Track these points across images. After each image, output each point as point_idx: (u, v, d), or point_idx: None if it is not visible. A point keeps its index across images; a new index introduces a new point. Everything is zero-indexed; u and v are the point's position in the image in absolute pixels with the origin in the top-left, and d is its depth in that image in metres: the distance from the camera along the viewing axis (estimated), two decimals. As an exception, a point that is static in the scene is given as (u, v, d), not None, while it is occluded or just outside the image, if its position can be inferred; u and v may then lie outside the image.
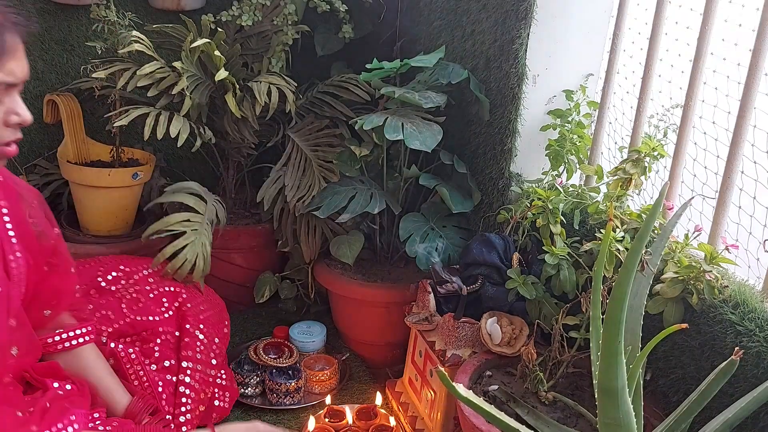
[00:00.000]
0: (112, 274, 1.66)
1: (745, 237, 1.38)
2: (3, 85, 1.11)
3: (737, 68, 1.38)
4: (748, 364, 1.18)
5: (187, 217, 1.82)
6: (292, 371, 1.81)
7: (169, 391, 1.56)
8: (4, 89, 1.12)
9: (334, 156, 1.97)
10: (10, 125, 1.15)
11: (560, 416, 1.38)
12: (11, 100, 1.14)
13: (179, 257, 1.73)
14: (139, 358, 1.55)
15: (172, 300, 1.69)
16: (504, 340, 1.54)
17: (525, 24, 1.64)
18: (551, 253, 1.49)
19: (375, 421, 1.68)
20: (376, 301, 1.92)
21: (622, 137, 1.72)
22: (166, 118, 1.80)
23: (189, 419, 1.55)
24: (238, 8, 2.02)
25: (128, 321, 1.60)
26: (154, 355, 1.59)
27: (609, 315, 1.04)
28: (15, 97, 1.15)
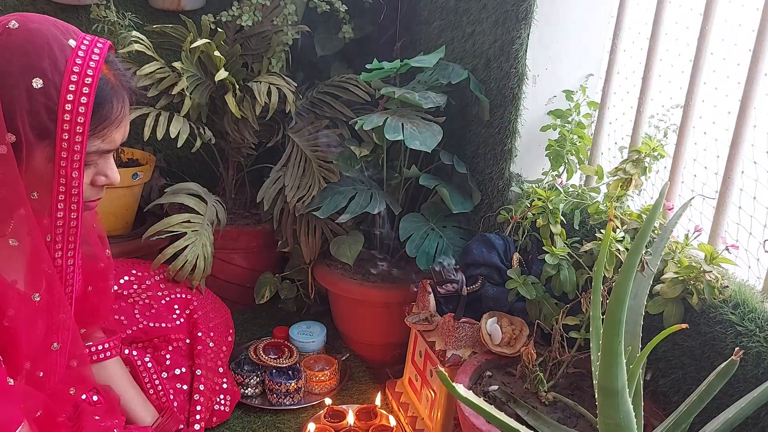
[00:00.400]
0: (124, 278, 1.66)
1: (745, 237, 1.38)
2: (98, 153, 1.09)
3: (737, 68, 1.37)
4: (749, 365, 1.18)
5: (188, 218, 1.82)
6: (292, 371, 1.81)
7: (181, 399, 1.57)
8: (98, 155, 1.10)
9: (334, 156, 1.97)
10: (97, 185, 1.14)
11: (560, 416, 1.38)
12: (104, 163, 1.12)
13: (180, 258, 1.73)
14: (155, 367, 1.56)
15: (183, 307, 1.70)
16: (504, 340, 1.54)
17: (525, 24, 1.64)
18: (551, 254, 1.49)
19: (375, 421, 1.68)
20: (376, 301, 1.92)
21: (622, 137, 1.72)
22: (166, 118, 1.81)
23: (202, 427, 1.57)
24: (238, 8, 2.02)
25: (141, 327, 1.60)
26: (166, 363, 1.60)
27: (609, 315, 1.04)
28: (108, 160, 1.13)
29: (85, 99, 1.01)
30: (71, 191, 1.06)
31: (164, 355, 1.60)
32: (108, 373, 1.44)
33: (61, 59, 1.00)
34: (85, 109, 1.01)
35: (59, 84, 0.99)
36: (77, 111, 1.00)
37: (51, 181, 1.04)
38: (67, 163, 1.03)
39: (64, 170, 1.03)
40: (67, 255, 1.14)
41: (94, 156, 1.09)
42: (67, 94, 0.99)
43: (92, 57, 1.02)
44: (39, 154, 1.02)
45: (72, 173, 1.04)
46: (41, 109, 0.99)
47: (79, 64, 1.01)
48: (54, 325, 1.16)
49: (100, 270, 1.34)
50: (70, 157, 1.02)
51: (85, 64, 1.01)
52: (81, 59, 1.01)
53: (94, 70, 1.02)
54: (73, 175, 1.04)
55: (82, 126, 1.01)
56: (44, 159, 1.02)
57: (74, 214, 1.09)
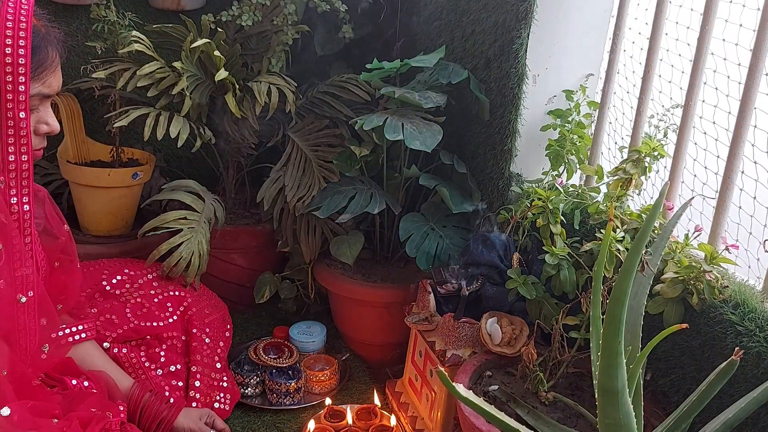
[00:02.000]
0: (117, 278, 1.66)
1: (745, 237, 1.38)
2: (39, 96, 1.16)
3: (737, 68, 1.37)
4: (749, 365, 1.18)
5: (184, 214, 1.82)
6: (292, 371, 1.81)
7: (177, 396, 1.57)
8: (39, 100, 1.16)
9: (334, 156, 1.97)
10: (39, 134, 1.19)
11: (560, 416, 1.38)
12: (44, 110, 1.19)
13: (174, 255, 1.73)
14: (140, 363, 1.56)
15: (176, 304, 1.70)
16: (504, 340, 1.54)
17: (525, 24, 1.64)
18: (551, 253, 1.49)
19: (375, 421, 1.68)
20: (376, 301, 1.91)
21: (622, 137, 1.72)
22: (166, 118, 1.81)
23: None
24: (238, 8, 2.02)
25: (132, 326, 1.60)
26: (160, 360, 1.60)
27: (609, 315, 1.04)
28: (47, 107, 1.19)
29: (23, 42, 1.09)
30: (20, 133, 1.11)
31: (158, 352, 1.60)
32: (84, 350, 1.44)
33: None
34: (25, 51, 1.09)
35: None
36: (17, 53, 1.08)
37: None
38: (14, 105, 1.09)
39: (11, 112, 1.09)
40: (22, 201, 1.17)
41: (35, 100, 1.15)
42: (5, 38, 1.07)
43: (22, 7, 1.10)
44: None
45: (19, 114, 1.10)
46: None
47: (11, 12, 1.09)
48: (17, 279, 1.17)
49: (61, 244, 1.36)
50: (16, 98, 1.09)
51: (17, 12, 1.09)
52: (12, 8, 1.09)
53: (26, 18, 1.10)
54: (20, 116, 1.10)
55: (24, 67, 1.09)
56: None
57: (25, 157, 1.14)
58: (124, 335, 1.59)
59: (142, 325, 1.61)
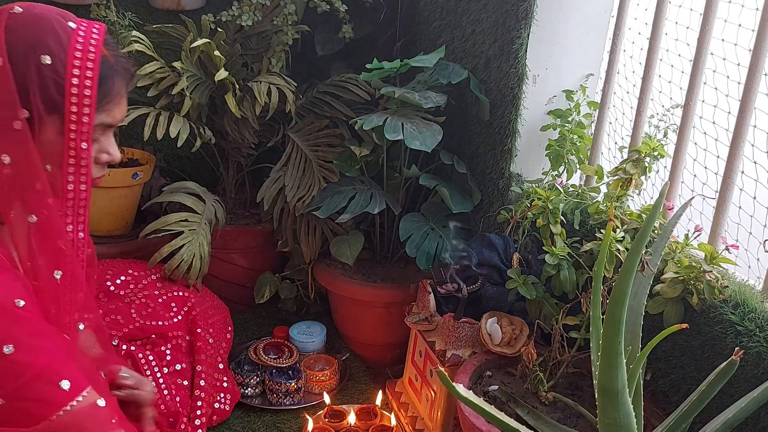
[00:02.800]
0: (121, 278, 1.67)
1: (745, 237, 1.38)
2: (102, 126, 1.15)
3: (737, 68, 1.37)
4: (749, 365, 1.18)
5: (185, 216, 1.83)
6: (292, 371, 1.81)
7: (183, 394, 1.57)
8: (102, 130, 1.16)
9: (334, 156, 1.96)
10: (100, 163, 1.18)
11: (560, 416, 1.38)
12: (106, 140, 1.18)
13: (176, 257, 1.73)
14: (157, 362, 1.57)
15: (180, 304, 1.71)
16: (504, 340, 1.54)
17: (525, 24, 1.64)
18: (551, 253, 1.49)
19: (375, 421, 1.68)
20: (376, 301, 1.91)
21: (622, 137, 1.72)
22: (166, 118, 1.81)
23: (203, 422, 1.58)
24: (238, 8, 2.02)
25: (138, 325, 1.61)
26: (166, 359, 1.61)
27: (609, 315, 1.04)
28: (110, 137, 1.19)
29: (90, 73, 1.08)
30: (80, 163, 1.11)
31: (164, 351, 1.61)
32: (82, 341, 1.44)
33: (65, 38, 1.07)
34: (91, 83, 1.08)
35: (65, 60, 1.06)
36: (84, 84, 1.07)
37: (61, 154, 1.09)
38: (77, 135, 1.08)
39: (73, 142, 1.08)
40: (77, 229, 1.18)
41: (98, 130, 1.14)
42: (73, 69, 1.06)
43: (92, 36, 1.10)
44: (50, 128, 1.07)
45: (81, 144, 1.09)
46: (50, 83, 1.05)
47: (81, 42, 1.08)
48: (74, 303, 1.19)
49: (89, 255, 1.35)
50: (79, 129, 1.08)
51: (87, 42, 1.09)
52: (82, 38, 1.08)
53: (95, 48, 1.09)
54: (82, 147, 1.09)
55: (89, 99, 1.08)
56: (54, 132, 1.08)
57: (83, 186, 1.13)
58: (130, 334, 1.60)
59: (147, 324, 1.62)
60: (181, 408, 1.55)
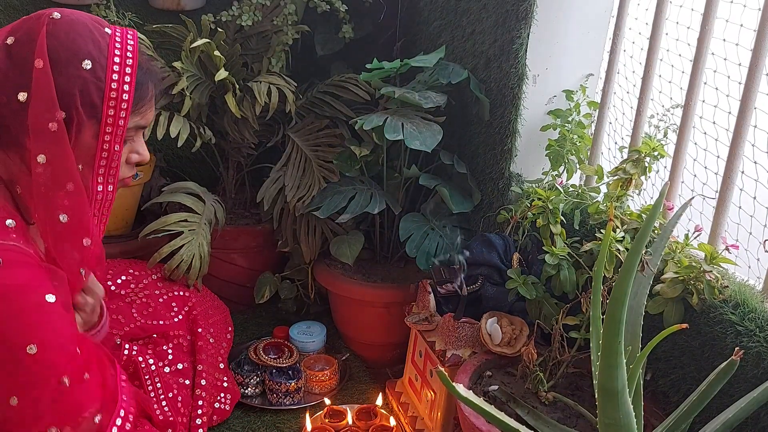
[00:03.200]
0: (122, 278, 1.67)
1: (745, 237, 1.38)
2: (135, 128, 1.18)
3: (737, 68, 1.37)
4: (749, 365, 1.18)
5: (185, 217, 1.83)
6: (292, 371, 1.81)
7: (184, 394, 1.57)
8: (135, 131, 1.19)
9: (334, 156, 1.96)
10: (130, 163, 1.21)
11: (560, 416, 1.38)
12: (137, 141, 1.21)
13: (176, 257, 1.73)
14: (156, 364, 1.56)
15: (181, 304, 1.71)
16: (504, 340, 1.54)
17: (525, 24, 1.64)
18: (551, 253, 1.49)
19: (375, 421, 1.68)
20: (376, 301, 1.91)
21: (622, 137, 1.72)
22: (166, 118, 1.81)
23: (204, 422, 1.58)
24: (238, 8, 2.02)
25: (139, 324, 1.61)
26: (168, 358, 1.61)
27: (609, 315, 1.04)
28: (140, 137, 1.22)
29: (128, 78, 1.11)
30: (111, 165, 1.13)
31: (166, 350, 1.61)
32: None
33: (103, 44, 1.10)
34: (129, 87, 1.11)
35: (105, 65, 1.09)
36: (122, 89, 1.10)
37: (94, 155, 1.11)
38: (111, 138, 1.11)
39: (107, 144, 1.11)
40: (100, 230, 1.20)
41: (131, 132, 1.17)
42: (112, 74, 1.09)
43: (128, 42, 1.13)
44: (87, 130, 1.09)
45: (114, 147, 1.12)
46: (92, 87, 1.08)
47: (118, 47, 1.11)
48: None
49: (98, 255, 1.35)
50: (114, 132, 1.11)
51: (124, 47, 1.12)
52: (119, 44, 1.12)
53: (132, 53, 1.12)
54: (115, 149, 1.12)
55: (126, 103, 1.11)
56: (90, 135, 1.10)
57: (111, 187, 1.16)
58: (131, 333, 1.60)
59: (148, 323, 1.62)
60: (183, 407, 1.55)
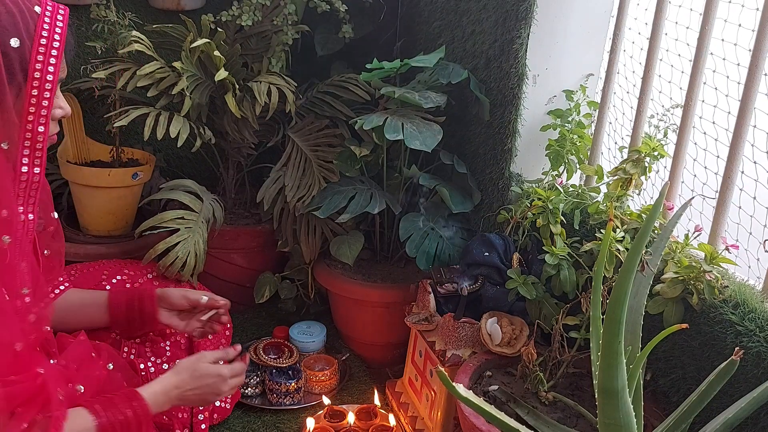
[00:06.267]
0: (117, 278, 1.67)
1: (745, 237, 1.38)
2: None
3: (737, 68, 1.37)
4: (749, 365, 1.18)
5: (182, 214, 1.82)
6: (292, 371, 1.81)
7: None
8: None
9: (334, 156, 1.97)
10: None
11: (560, 416, 1.38)
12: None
13: (170, 254, 1.73)
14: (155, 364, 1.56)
15: None
16: (504, 340, 1.54)
17: (525, 24, 1.64)
18: (551, 253, 1.49)
19: (375, 421, 1.68)
20: (376, 301, 1.91)
21: (622, 137, 1.72)
22: (166, 118, 1.80)
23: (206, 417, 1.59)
24: (238, 8, 2.02)
25: None
26: (166, 354, 1.60)
27: (609, 315, 1.04)
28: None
29: (53, 60, 1.11)
30: (35, 146, 1.13)
31: (164, 347, 1.61)
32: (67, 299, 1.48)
33: (32, 23, 1.10)
34: (54, 69, 1.11)
35: (30, 46, 1.09)
36: (47, 70, 1.10)
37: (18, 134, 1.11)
38: (35, 118, 1.11)
39: (30, 125, 1.11)
40: (27, 211, 1.18)
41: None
42: (37, 54, 1.09)
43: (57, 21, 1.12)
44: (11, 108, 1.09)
45: (38, 128, 1.12)
46: (17, 66, 1.08)
47: (46, 29, 1.11)
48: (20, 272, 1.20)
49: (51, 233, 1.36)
50: (38, 113, 1.11)
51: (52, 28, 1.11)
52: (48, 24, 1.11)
53: (60, 36, 1.12)
54: (39, 130, 1.12)
55: (51, 84, 1.10)
56: (15, 113, 1.10)
57: (37, 169, 1.15)
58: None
59: None
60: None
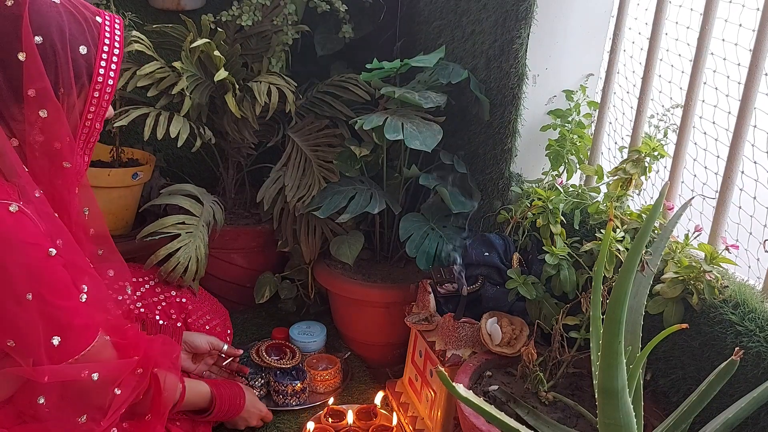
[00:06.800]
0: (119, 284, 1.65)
1: (745, 237, 1.38)
2: None
3: (737, 68, 1.37)
4: (749, 365, 1.18)
5: (182, 219, 1.82)
6: (296, 372, 1.81)
7: None
8: None
9: (334, 156, 1.96)
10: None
11: (560, 416, 1.38)
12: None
13: (172, 260, 1.72)
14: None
15: (179, 311, 1.70)
16: (504, 340, 1.54)
17: (525, 24, 1.64)
18: (551, 253, 1.49)
19: (375, 421, 1.68)
20: (376, 301, 1.91)
21: (622, 137, 1.72)
22: (166, 118, 1.80)
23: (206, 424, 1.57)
24: (238, 8, 2.02)
25: None
26: None
27: (609, 315, 1.04)
28: None
29: (114, 66, 1.22)
30: (90, 140, 1.25)
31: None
32: None
33: (96, 32, 1.20)
34: (114, 75, 1.22)
35: (95, 52, 1.19)
36: (108, 75, 1.21)
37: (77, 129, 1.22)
38: (94, 117, 1.22)
39: (89, 122, 1.22)
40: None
41: None
42: (100, 60, 1.20)
43: (115, 32, 1.23)
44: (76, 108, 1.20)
45: (95, 125, 1.24)
46: (83, 71, 1.18)
47: (107, 37, 1.21)
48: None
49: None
50: (97, 112, 1.22)
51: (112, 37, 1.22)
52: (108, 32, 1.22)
53: (119, 44, 1.23)
54: (96, 127, 1.24)
55: (111, 87, 1.22)
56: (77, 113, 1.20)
57: (86, 158, 1.28)
58: None
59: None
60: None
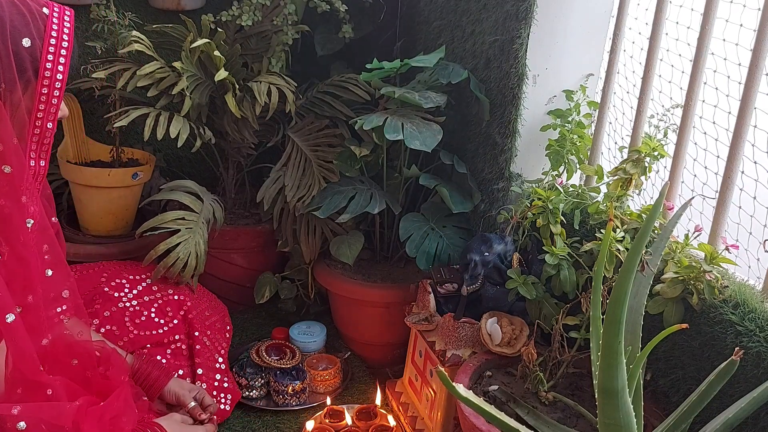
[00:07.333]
0: (116, 281, 1.66)
1: (745, 237, 1.38)
2: None
3: (737, 68, 1.37)
4: (749, 365, 1.18)
5: (182, 215, 1.82)
6: (296, 372, 1.81)
7: None
8: None
9: (334, 156, 1.97)
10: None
11: (560, 416, 1.38)
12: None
13: (171, 255, 1.72)
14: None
15: (177, 308, 1.70)
16: (504, 340, 1.54)
17: (525, 24, 1.64)
18: (551, 253, 1.49)
19: (375, 421, 1.68)
20: (376, 301, 1.91)
21: (622, 137, 1.72)
22: (166, 118, 1.80)
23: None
24: (238, 8, 2.02)
25: (132, 337, 1.60)
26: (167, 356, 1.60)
27: (609, 315, 1.04)
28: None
29: (62, 60, 1.15)
30: (43, 141, 1.18)
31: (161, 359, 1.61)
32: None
33: (41, 24, 1.13)
34: (63, 69, 1.15)
35: (41, 45, 1.13)
36: (56, 70, 1.14)
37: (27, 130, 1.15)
38: (44, 115, 1.15)
39: (39, 121, 1.15)
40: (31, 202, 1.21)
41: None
42: (47, 54, 1.13)
43: (64, 24, 1.16)
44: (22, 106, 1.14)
45: (47, 125, 1.16)
46: (28, 65, 1.12)
47: (55, 29, 1.15)
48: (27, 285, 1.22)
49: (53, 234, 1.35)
50: (47, 110, 1.15)
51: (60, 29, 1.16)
52: (56, 24, 1.15)
53: (69, 36, 1.16)
54: (48, 126, 1.16)
55: (60, 83, 1.15)
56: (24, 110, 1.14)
57: (43, 162, 1.20)
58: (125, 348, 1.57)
59: (141, 334, 1.61)
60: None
